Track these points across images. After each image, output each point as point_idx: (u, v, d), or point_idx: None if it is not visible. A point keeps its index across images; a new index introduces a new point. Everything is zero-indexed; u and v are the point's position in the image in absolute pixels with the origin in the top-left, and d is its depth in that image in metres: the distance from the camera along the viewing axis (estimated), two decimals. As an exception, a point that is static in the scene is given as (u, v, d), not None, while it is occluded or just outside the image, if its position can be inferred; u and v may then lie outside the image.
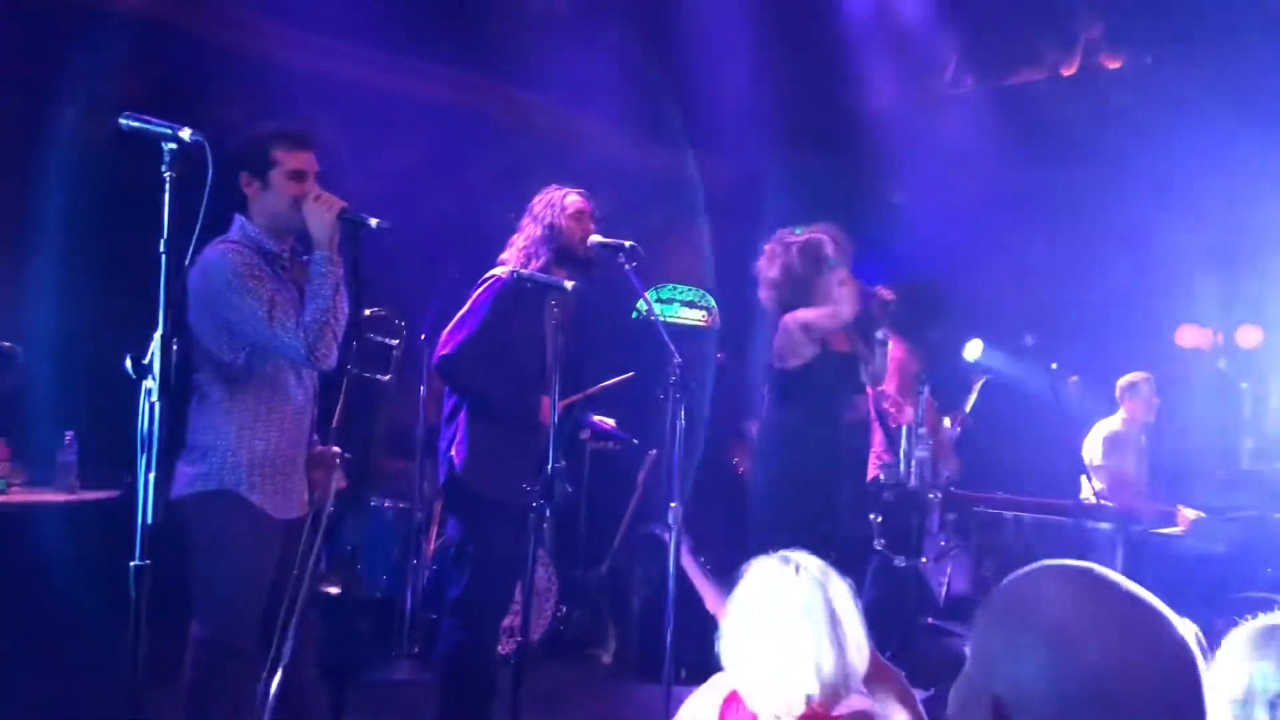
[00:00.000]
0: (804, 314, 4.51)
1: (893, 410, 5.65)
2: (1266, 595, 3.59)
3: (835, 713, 2.28)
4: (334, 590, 4.21)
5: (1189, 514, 6.30)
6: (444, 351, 3.87)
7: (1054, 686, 1.07)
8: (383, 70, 6.38)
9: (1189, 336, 8.25)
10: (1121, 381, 6.78)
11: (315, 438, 3.43)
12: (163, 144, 2.36)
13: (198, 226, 2.45)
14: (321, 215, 3.14)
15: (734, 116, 8.31)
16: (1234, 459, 7.12)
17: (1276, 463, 6.70)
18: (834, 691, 2.25)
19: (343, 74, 6.10)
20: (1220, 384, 7.26)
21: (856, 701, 2.39)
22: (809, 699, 2.25)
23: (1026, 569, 1.20)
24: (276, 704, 3.17)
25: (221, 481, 3.11)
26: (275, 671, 3.18)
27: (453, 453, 3.89)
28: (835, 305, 4.47)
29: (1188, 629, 1.14)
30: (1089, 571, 1.16)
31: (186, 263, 2.49)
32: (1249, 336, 8.27)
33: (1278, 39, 7.88)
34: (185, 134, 2.36)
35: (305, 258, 3.27)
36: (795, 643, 2.23)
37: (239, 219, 3.23)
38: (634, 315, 7.38)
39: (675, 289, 8.19)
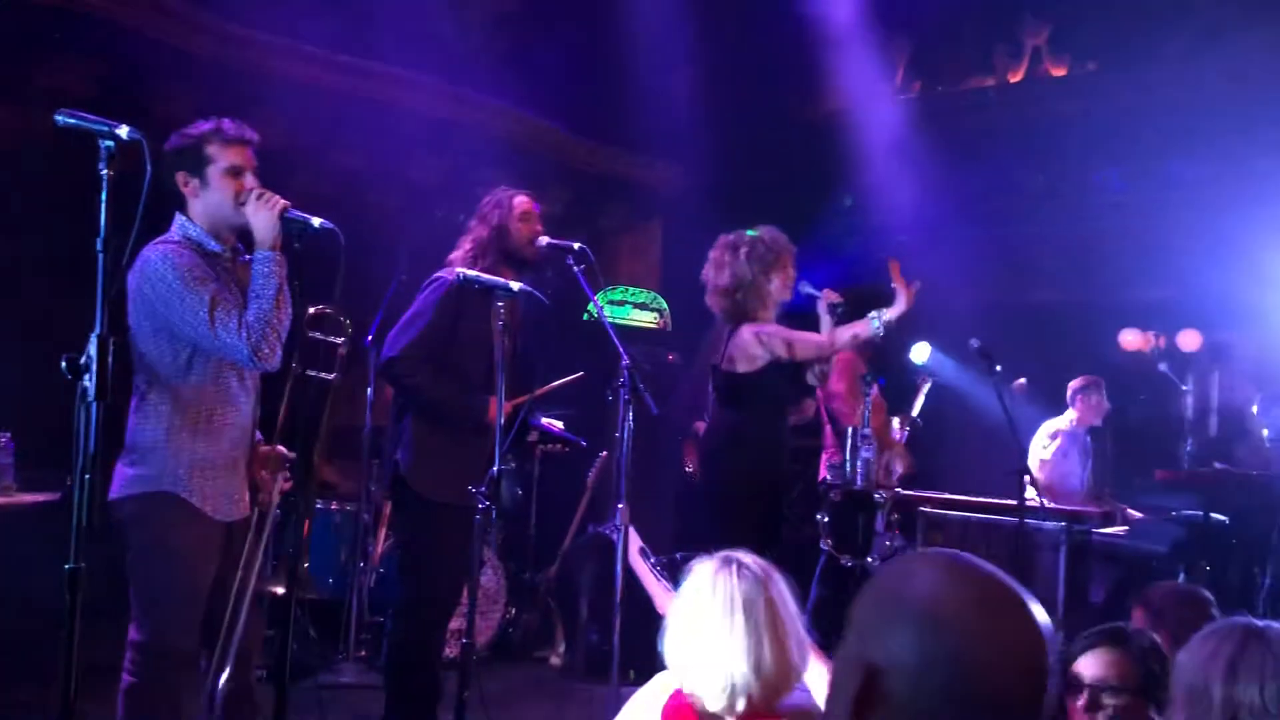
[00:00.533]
0: (792, 335, 4.56)
1: (844, 410, 5.70)
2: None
3: (777, 710, 2.30)
4: (278, 591, 4.18)
5: (1131, 514, 6.42)
6: (389, 353, 3.86)
7: (919, 661, 1.14)
8: (329, 70, 6.32)
9: (1130, 340, 8.41)
10: (1074, 384, 6.89)
11: (259, 438, 3.39)
12: (100, 141, 2.32)
13: (135, 226, 2.42)
14: (264, 214, 3.11)
15: (686, 118, 8.34)
16: (1175, 460, 7.26)
17: (1217, 463, 6.82)
18: (774, 689, 2.27)
19: (288, 73, 6.04)
20: (1161, 386, 7.39)
21: (798, 698, 2.41)
22: (750, 696, 2.27)
23: (907, 554, 1.30)
24: (222, 708, 3.15)
25: (161, 483, 3.06)
26: (220, 675, 3.15)
27: (398, 455, 3.87)
28: (823, 339, 4.56)
29: (1044, 616, 1.21)
30: (960, 557, 1.24)
31: (125, 262, 2.45)
32: (1189, 340, 8.44)
33: (1218, 45, 8.05)
34: (123, 131, 2.33)
35: (247, 257, 3.23)
36: (736, 641, 2.25)
37: (179, 218, 3.19)
38: (585, 317, 7.37)
39: (627, 291, 8.20)
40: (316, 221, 3.14)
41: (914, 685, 1.15)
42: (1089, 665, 2.42)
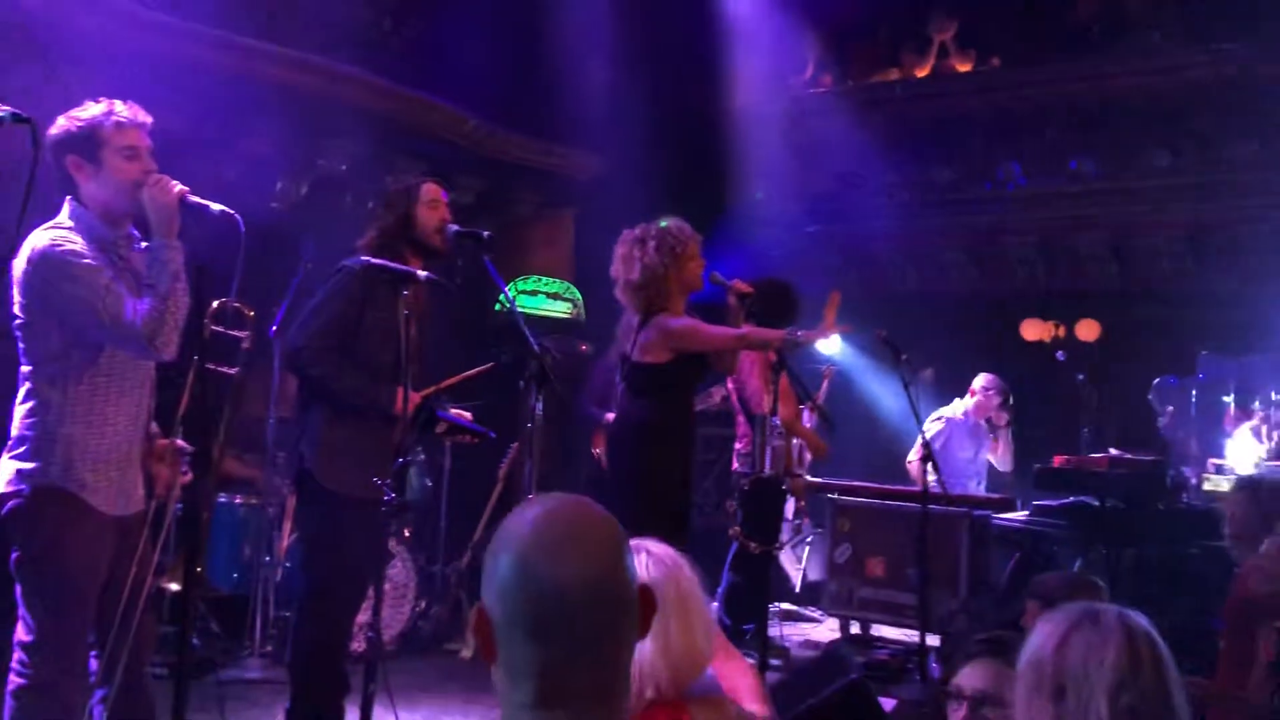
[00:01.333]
0: (702, 329, 4.57)
1: (756, 400, 5.76)
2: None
3: (684, 696, 2.31)
4: (173, 586, 4.08)
5: (1025, 502, 6.60)
6: (293, 343, 3.78)
7: (520, 577, 1.32)
8: (234, 54, 6.17)
9: (1031, 330, 8.63)
10: (983, 377, 7.03)
11: (156, 430, 3.31)
12: (-20, 123, 2.24)
13: (22, 211, 2.34)
14: (160, 200, 3.02)
15: (599, 108, 8.34)
16: (1072, 448, 7.46)
17: (1112, 450, 7.03)
18: (682, 676, 2.28)
19: (191, 56, 5.88)
20: (1059, 376, 7.60)
21: (705, 684, 2.43)
22: (658, 684, 2.28)
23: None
24: (114, 705, 3.07)
25: (50, 477, 2.96)
26: (112, 673, 3.07)
27: (303, 447, 3.80)
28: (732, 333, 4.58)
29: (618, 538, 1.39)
30: (563, 499, 1.41)
31: (12, 249, 2.37)
32: (1088, 330, 8.69)
33: (1118, 42, 8.30)
34: (3, 112, 2.25)
35: (142, 245, 3.15)
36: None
37: (70, 203, 3.08)
38: (497, 308, 7.34)
39: (540, 281, 8.18)
40: (216, 207, 3.06)
41: (502, 606, 1.32)
42: (970, 677, 2.47)
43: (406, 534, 5.91)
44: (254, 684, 4.97)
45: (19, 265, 2.95)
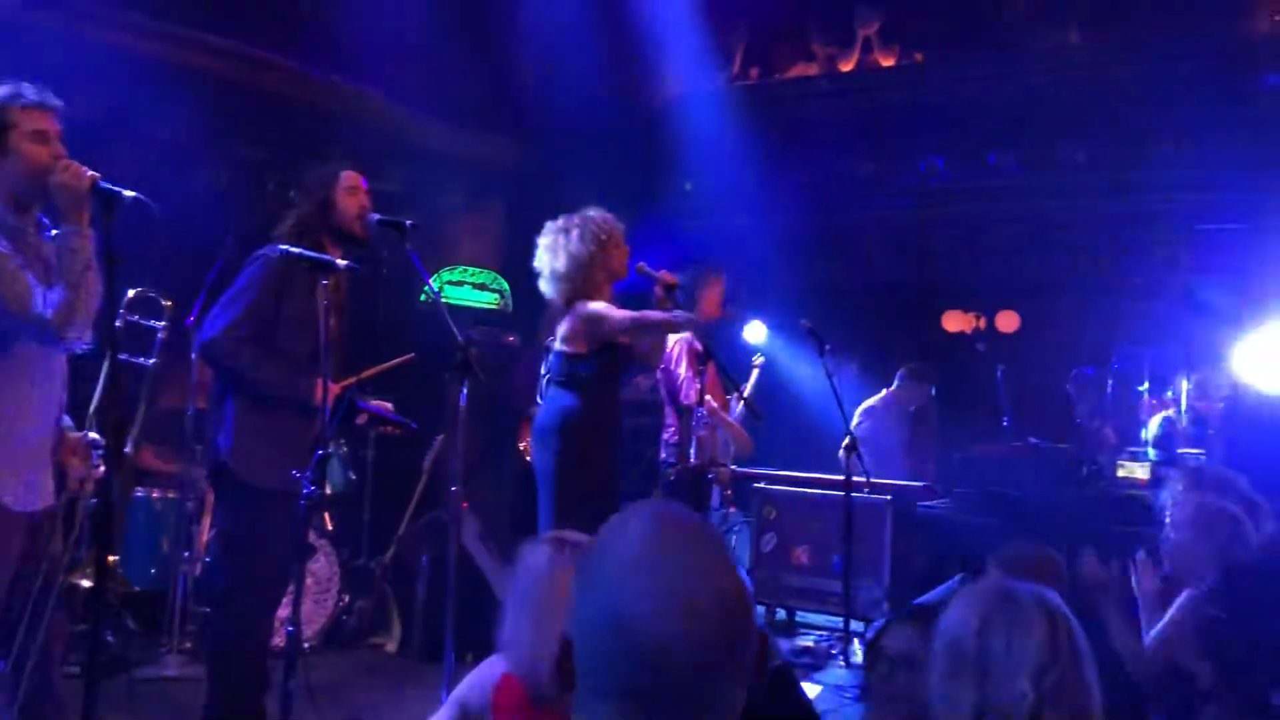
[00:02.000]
0: (622, 314, 4.55)
1: (684, 390, 5.78)
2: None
3: None
4: (85, 583, 3.99)
5: (947, 490, 6.71)
6: (209, 333, 3.70)
7: (582, 623, 1.11)
8: (152, 38, 6.03)
9: (953, 322, 8.78)
10: (909, 366, 7.14)
11: (68, 423, 3.22)
12: None
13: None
14: (71, 186, 2.94)
15: (527, 98, 8.29)
16: (993, 437, 7.60)
17: (1031, 439, 7.17)
18: None
19: (104, 41, 5.73)
20: (980, 367, 7.74)
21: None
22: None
23: (619, 514, 1.21)
24: (25, 707, 2.99)
25: None
26: (20, 673, 2.99)
27: (219, 440, 3.73)
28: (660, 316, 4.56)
29: (741, 580, 1.16)
30: (665, 508, 1.18)
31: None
32: (1008, 322, 8.86)
33: (1035, 39, 8.45)
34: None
35: (53, 232, 3.06)
36: (559, 622, 2.25)
37: None
38: (422, 298, 7.26)
39: (466, 271, 8.11)
40: (129, 194, 2.98)
41: (583, 648, 1.11)
42: (895, 638, 2.51)
43: (329, 527, 5.84)
44: (171, 681, 4.87)
45: None
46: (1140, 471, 6.65)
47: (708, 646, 1.07)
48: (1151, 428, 7.54)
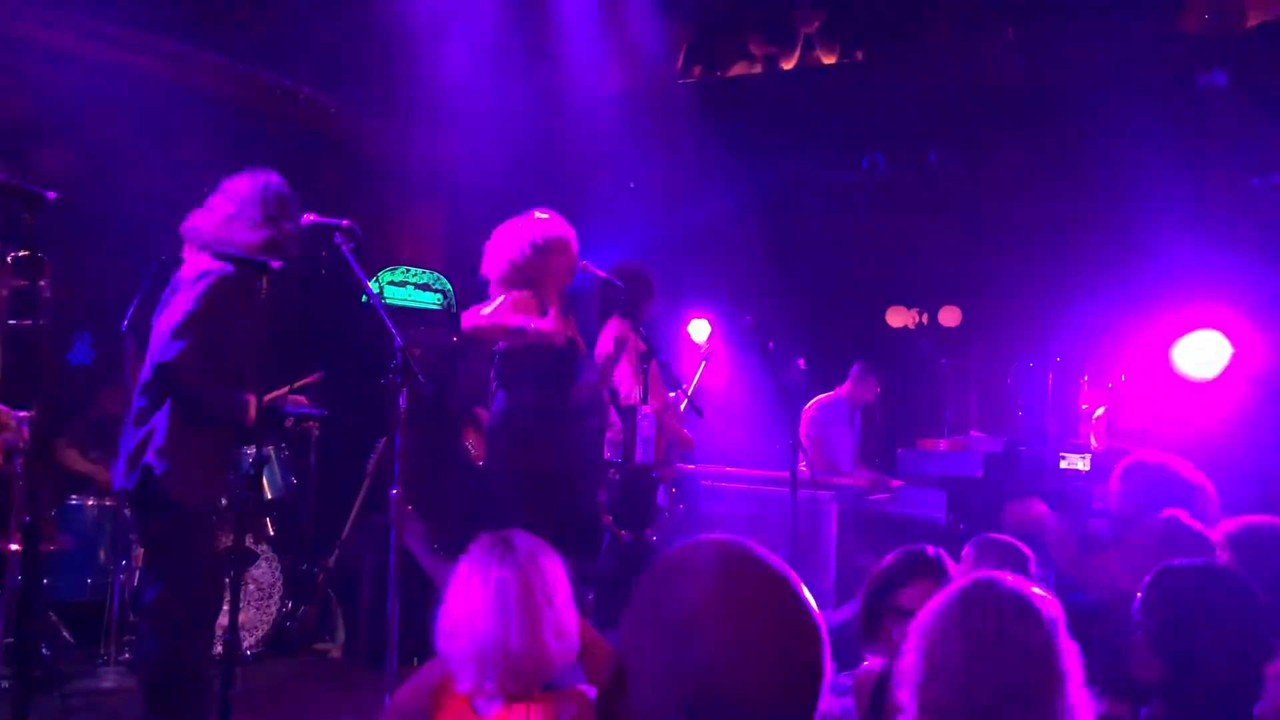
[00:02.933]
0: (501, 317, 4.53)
1: (625, 389, 5.76)
2: None
3: (534, 695, 2.28)
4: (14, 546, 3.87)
5: (893, 483, 6.77)
6: (169, 357, 3.57)
7: (664, 668, 1.09)
8: (88, 40, 5.89)
9: (896, 317, 8.86)
10: (858, 364, 7.17)
11: None
12: None
13: None
14: None
15: (470, 97, 8.23)
16: (936, 431, 7.69)
17: (973, 431, 7.26)
18: (526, 671, 2.25)
19: (40, 40, 5.60)
20: (923, 361, 7.81)
21: (566, 680, 2.42)
22: (499, 678, 2.25)
23: (683, 544, 1.20)
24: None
25: None
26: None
27: (150, 459, 3.62)
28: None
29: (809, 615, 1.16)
30: (730, 555, 1.16)
31: None
32: (950, 316, 8.96)
33: (974, 37, 8.53)
34: None
35: None
36: (485, 622, 2.23)
37: None
38: (363, 300, 7.17)
39: (408, 271, 8.02)
40: (39, 191, 2.89)
41: (659, 689, 1.10)
42: (913, 597, 2.51)
43: (271, 533, 5.75)
44: (107, 694, 4.77)
45: None
46: (1081, 464, 6.76)
47: (766, 689, 1.10)
48: (1094, 420, 7.66)
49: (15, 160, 3.02)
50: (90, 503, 5.32)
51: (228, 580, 4.74)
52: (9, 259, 3.06)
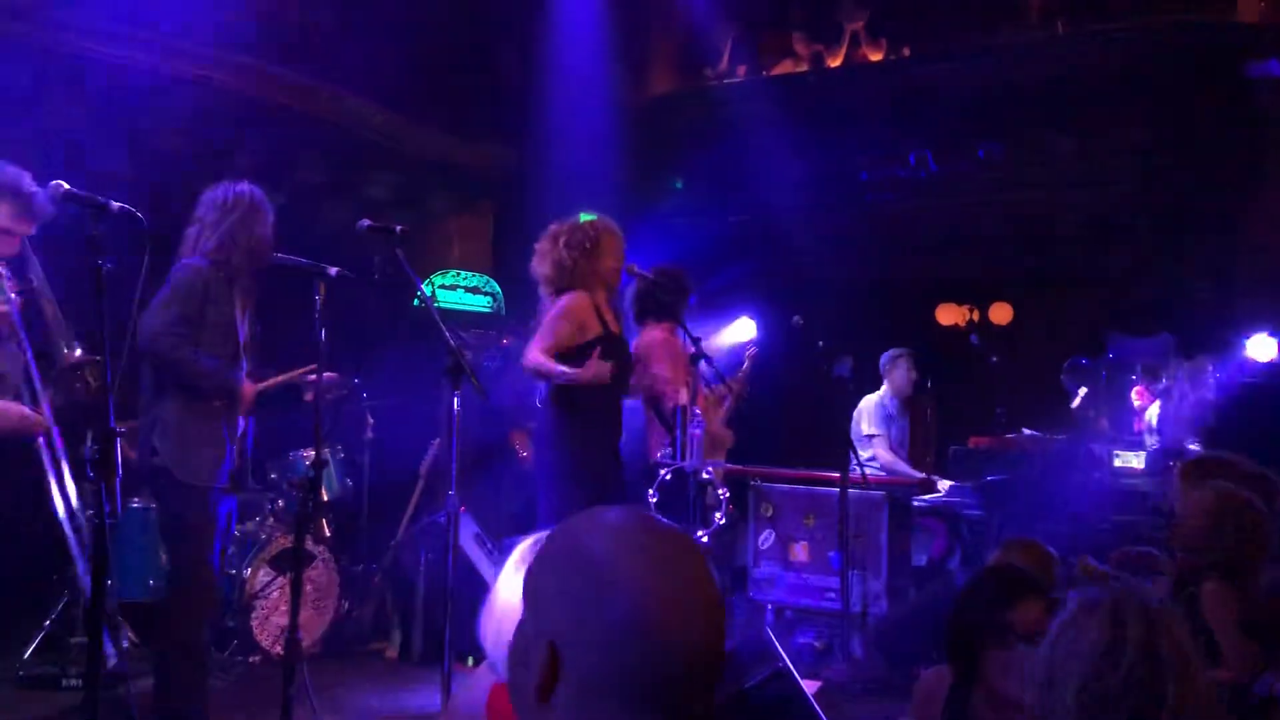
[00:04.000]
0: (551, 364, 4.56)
1: (664, 390, 5.77)
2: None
3: None
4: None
5: (945, 482, 6.72)
6: (151, 328, 3.80)
7: (602, 631, 1.12)
8: (140, 48, 6.01)
9: (946, 314, 8.79)
10: (884, 356, 7.15)
11: None
12: None
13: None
14: None
15: (518, 101, 8.29)
16: (988, 429, 7.62)
17: (1025, 429, 7.19)
18: None
19: (89, 50, 5.72)
20: (973, 359, 7.74)
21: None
22: None
23: (574, 517, 1.25)
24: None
25: None
26: None
27: (155, 441, 3.86)
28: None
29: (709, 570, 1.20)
30: (629, 517, 1.21)
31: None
32: (1001, 313, 8.88)
33: (1028, 32, 8.45)
34: None
35: None
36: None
37: None
38: (416, 303, 7.26)
39: (459, 275, 8.11)
40: (116, 205, 3.00)
41: (599, 655, 1.12)
42: (1023, 617, 2.47)
43: (327, 534, 5.83)
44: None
45: None
46: (1136, 461, 6.67)
47: (713, 643, 1.14)
48: (1149, 417, 7.55)
49: (100, 174, 3.14)
50: (153, 505, 5.42)
51: (288, 581, 4.88)
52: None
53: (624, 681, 1.11)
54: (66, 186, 2.98)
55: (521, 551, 2.35)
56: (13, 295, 3.82)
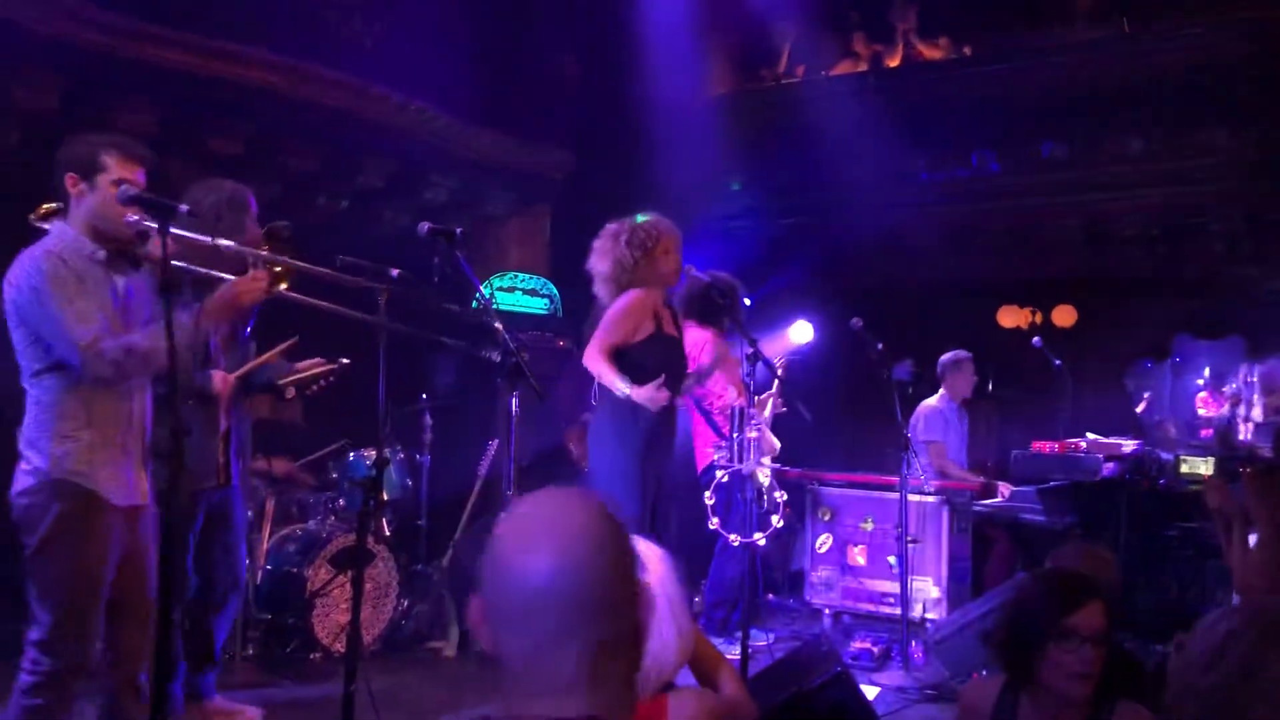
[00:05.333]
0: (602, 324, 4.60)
1: (708, 391, 5.77)
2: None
3: (663, 699, 2.30)
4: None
5: (1005, 487, 6.63)
6: None
7: (515, 585, 1.32)
8: (206, 55, 6.10)
9: (1008, 317, 8.67)
10: (943, 359, 7.08)
11: None
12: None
13: None
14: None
15: (573, 103, 8.32)
16: (1050, 433, 7.51)
17: (1088, 433, 7.07)
18: (647, 673, 2.27)
19: (159, 57, 5.82)
20: (1036, 362, 7.62)
21: (692, 688, 2.43)
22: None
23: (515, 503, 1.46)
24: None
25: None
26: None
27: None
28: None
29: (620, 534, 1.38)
30: (553, 492, 1.42)
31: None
32: (1064, 316, 8.74)
33: (1090, 31, 8.31)
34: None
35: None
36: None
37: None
38: (474, 304, 7.30)
39: (516, 277, 8.15)
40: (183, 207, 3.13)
41: (526, 602, 1.31)
42: (1087, 619, 2.45)
43: (387, 533, 5.90)
44: (234, 689, 4.94)
45: None
46: (1204, 467, 6.52)
47: (571, 576, 1.31)
48: (1215, 421, 7.40)
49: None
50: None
51: (348, 579, 4.95)
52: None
53: (495, 613, 1.33)
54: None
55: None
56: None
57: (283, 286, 3.66)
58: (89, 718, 3.51)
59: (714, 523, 5.24)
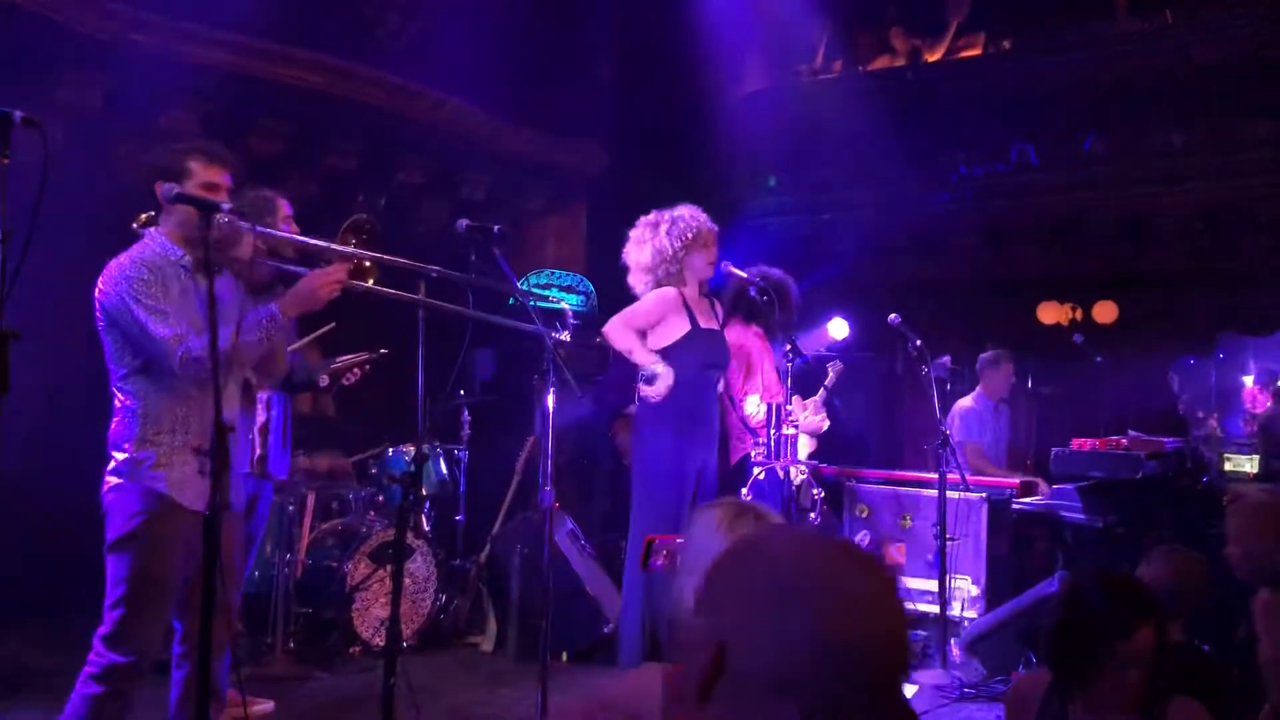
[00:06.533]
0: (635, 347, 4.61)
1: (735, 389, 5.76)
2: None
3: None
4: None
5: (1046, 485, 6.56)
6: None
7: (776, 628, 1.14)
8: (241, 55, 6.17)
9: (1048, 313, 8.58)
10: (983, 357, 7.02)
11: None
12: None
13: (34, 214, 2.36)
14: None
15: (608, 100, 8.33)
16: (1091, 430, 7.43)
17: (1130, 431, 6.99)
18: None
19: (203, 59, 5.89)
20: (1077, 358, 7.55)
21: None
22: None
23: (756, 530, 1.29)
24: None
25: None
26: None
27: None
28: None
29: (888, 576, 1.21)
30: (808, 530, 1.24)
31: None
32: (1105, 312, 8.63)
33: (1132, 24, 8.21)
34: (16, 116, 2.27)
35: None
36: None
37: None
38: (510, 301, 7.34)
39: (553, 274, 8.17)
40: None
41: (769, 659, 1.14)
42: (1136, 645, 2.44)
43: (426, 528, 5.94)
44: (278, 680, 5.00)
45: None
46: (1249, 465, 6.42)
47: (898, 656, 1.16)
48: (1261, 418, 7.28)
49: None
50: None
51: (388, 573, 4.99)
52: None
53: (793, 690, 1.12)
54: None
55: (720, 514, 2.18)
56: None
57: (370, 281, 3.66)
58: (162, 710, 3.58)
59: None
